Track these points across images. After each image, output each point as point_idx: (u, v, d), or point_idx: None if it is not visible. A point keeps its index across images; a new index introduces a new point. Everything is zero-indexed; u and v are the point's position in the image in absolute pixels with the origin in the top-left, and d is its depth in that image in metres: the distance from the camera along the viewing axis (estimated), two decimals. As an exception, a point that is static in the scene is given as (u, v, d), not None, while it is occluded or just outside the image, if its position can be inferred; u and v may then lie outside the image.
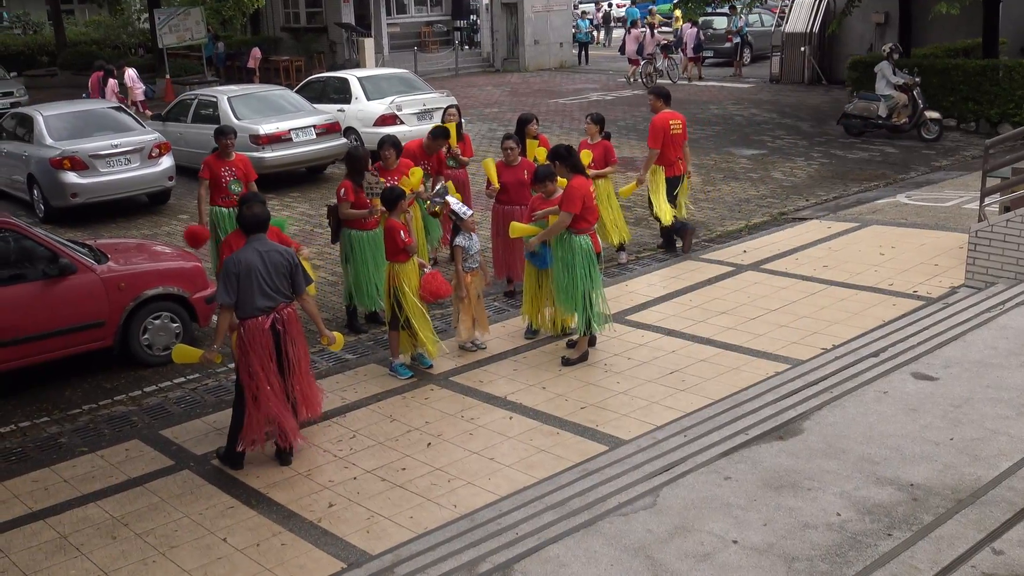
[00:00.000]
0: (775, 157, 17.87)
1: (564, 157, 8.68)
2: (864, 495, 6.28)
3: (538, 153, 10.65)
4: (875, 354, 8.50)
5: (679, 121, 11.58)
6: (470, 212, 9.15)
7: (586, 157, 10.83)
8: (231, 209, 10.22)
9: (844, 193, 14.88)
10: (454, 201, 9.21)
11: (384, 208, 8.75)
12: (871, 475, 6.53)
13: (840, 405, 7.58)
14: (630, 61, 30.62)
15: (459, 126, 11.61)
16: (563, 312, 8.97)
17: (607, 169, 11.12)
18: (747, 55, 32.04)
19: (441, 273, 8.66)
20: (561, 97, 26.86)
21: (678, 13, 36.29)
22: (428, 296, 8.49)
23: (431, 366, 8.83)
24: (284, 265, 7.01)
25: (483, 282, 9.38)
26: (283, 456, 7.25)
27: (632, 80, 30.12)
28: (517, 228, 8.95)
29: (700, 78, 30.34)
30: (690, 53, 30.37)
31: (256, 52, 31.80)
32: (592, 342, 8.98)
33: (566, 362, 8.71)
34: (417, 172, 10.13)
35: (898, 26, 21.64)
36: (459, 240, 9.09)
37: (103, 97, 22.16)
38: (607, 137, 11.36)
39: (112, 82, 23.23)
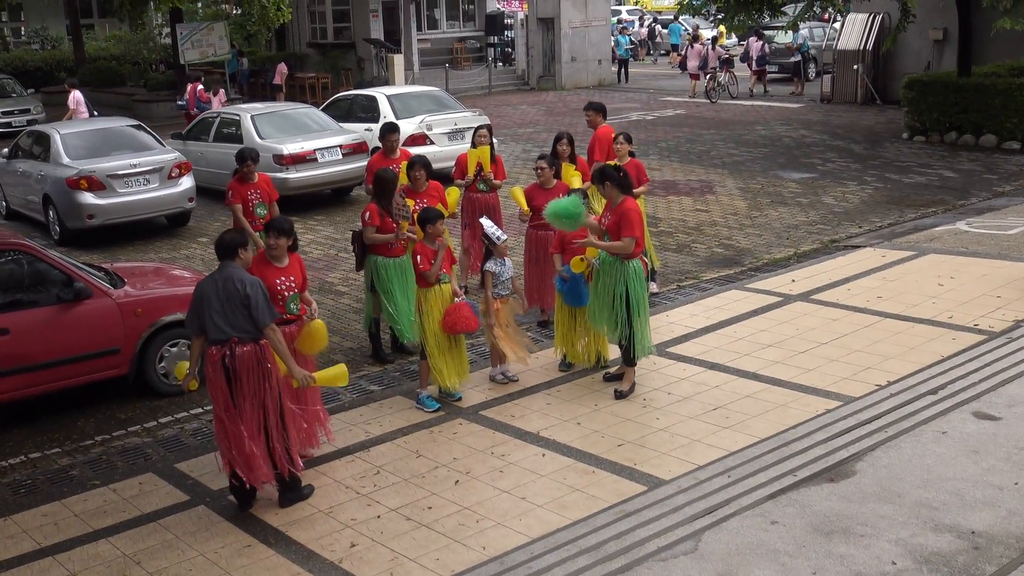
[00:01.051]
0: (826, 181, 17.79)
1: (614, 177, 8.65)
2: (921, 543, 6.19)
3: (573, 176, 10.65)
4: (933, 391, 8.40)
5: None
6: (504, 237, 9.16)
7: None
8: (259, 234, 10.34)
9: (900, 220, 14.77)
10: (488, 224, 9.24)
11: (410, 232, 8.79)
12: (929, 521, 6.44)
13: (896, 446, 7.49)
14: (691, 76, 31.49)
15: (492, 147, 11.65)
16: (609, 339, 8.98)
17: (640, 189, 11.05)
18: (811, 71, 32.19)
19: (470, 306, 8.65)
20: (599, 117, 26.89)
21: (722, 28, 36.45)
22: (447, 328, 8.49)
23: (459, 399, 8.82)
24: (237, 296, 6.82)
25: (517, 309, 9.37)
26: (241, 494, 7.16)
27: (693, 95, 30.83)
28: (577, 264, 8.89)
29: (765, 92, 30.78)
30: (754, 67, 30.84)
31: (282, 68, 32.16)
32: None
33: (620, 395, 8.68)
34: (454, 192, 10.15)
35: (957, 43, 21.52)
36: (489, 265, 9.12)
37: (199, 109, 22.67)
38: (632, 155, 11.26)
39: (221, 93, 24.24)
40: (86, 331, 9.05)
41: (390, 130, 11.36)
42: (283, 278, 7.62)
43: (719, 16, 26.25)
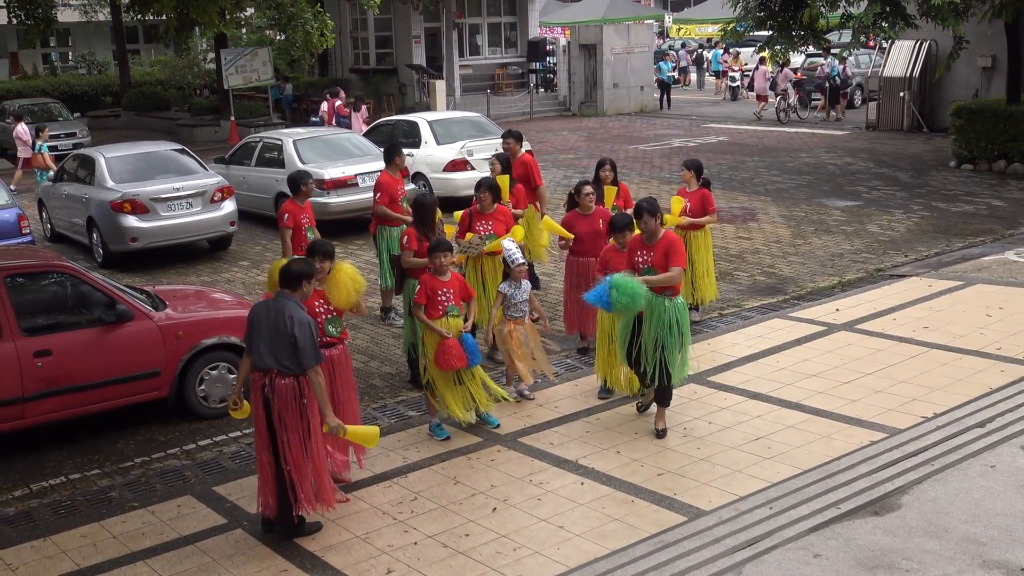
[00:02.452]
0: (871, 209, 17.66)
1: (652, 212, 8.43)
2: (969, 579, 6.09)
3: (614, 200, 10.70)
4: (981, 424, 8.28)
5: None
6: (520, 260, 9.25)
7: (677, 204, 10.87)
8: None
9: (947, 249, 14.62)
10: (510, 245, 9.34)
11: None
12: (976, 557, 6.33)
13: (942, 479, 7.38)
14: (759, 97, 32.12)
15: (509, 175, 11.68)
16: (646, 381, 8.68)
17: (705, 219, 11.01)
18: (857, 99, 32.29)
19: (460, 344, 8.46)
20: (641, 143, 26.95)
21: (766, 54, 36.39)
22: (438, 365, 8.47)
23: (498, 425, 8.82)
24: (285, 333, 6.85)
25: (537, 329, 9.40)
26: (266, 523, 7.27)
27: (760, 116, 31.40)
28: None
29: (842, 116, 30.93)
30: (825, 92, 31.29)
31: (340, 94, 32.31)
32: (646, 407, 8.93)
33: (661, 434, 8.49)
34: (519, 232, 10.17)
35: (1007, 70, 21.33)
36: (503, 287, 9.28)
37: (338, 125, 24.01)
38: (706, 185, 11.20)
39: (363, 109, 24.95)
40: (127, 353, 9.14)
41: (304, 178, 11.18)
42: (321, 301, 7.67)
43: (760, 44, 26.31)
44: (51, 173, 17.92)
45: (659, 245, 8.42)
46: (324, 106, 25.89)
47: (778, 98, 30.83)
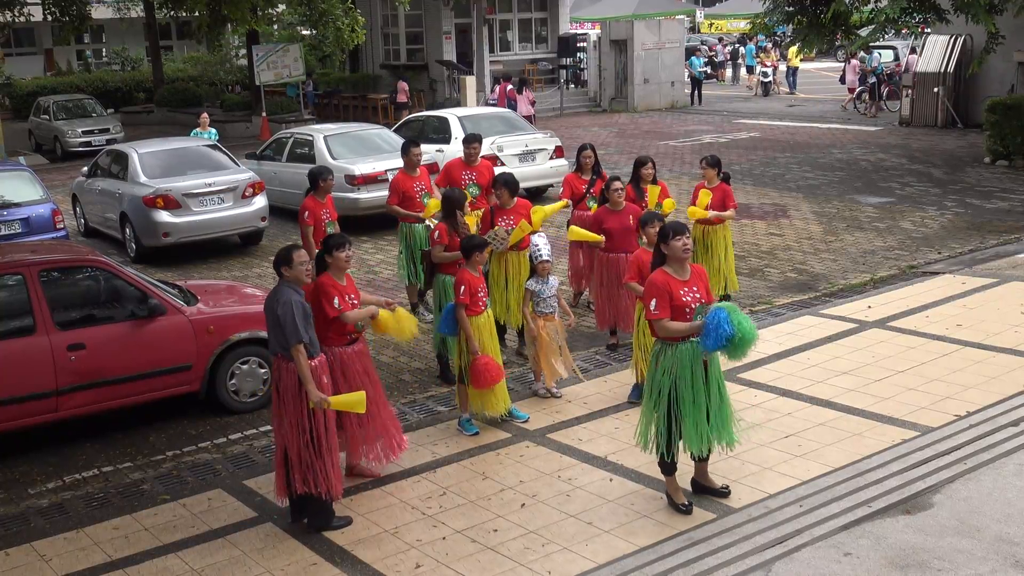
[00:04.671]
0: (904, 205, 17.51)
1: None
2: (1002, 579, 6.04)
3: (655, 199, 10.69)
4: (1015, 423, 8.20)
5: None
6: (546, 257, 9.23)
7: (705, 197, 10.96)
8: None
9: (981, 246, 14.47)
10: (538, 240, 9.34)
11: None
12: (1010, 557, 6.27)
13: (975, 478, 7.32)
14: (850, 90, 32.19)
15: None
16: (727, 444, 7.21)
17: (726, 214, 11.10)
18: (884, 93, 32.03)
19: (489, 359, 8.47)
20: (672, 139, 26.86)
21: (794, 50, 36.18)
22: (478, 385, 8.45)
23: (527, 419, 8.82)
24: (273, 314, 7.02)
25: (563, 326, 9.37)
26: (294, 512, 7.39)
27: (846, 108, 31.70)
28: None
29: (877, 113, 30.85)
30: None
31: (403, 85, 32.45)
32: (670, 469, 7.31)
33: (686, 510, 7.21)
34: (539, 212, 10.15)
35: (1043, 65, 21.11)
36: (529, 283, 9.30)
37: (511, 108, 25.58)
38: (726, 179, 11.34)
39: (527, 92, 27.88)
40: (159, 347, 9.22)
41: (323, 174, 11.33)
42: (351, 295, 7.71)
43: (789, 38, 26.21)
44: (84, 169, 18.07)
45: (699, 277, 7.14)
46: (497, 89, 28.75)
47: (860, 90, 31.01)
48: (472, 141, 12.00)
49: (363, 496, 7.66)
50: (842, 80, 34.55)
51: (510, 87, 27.79)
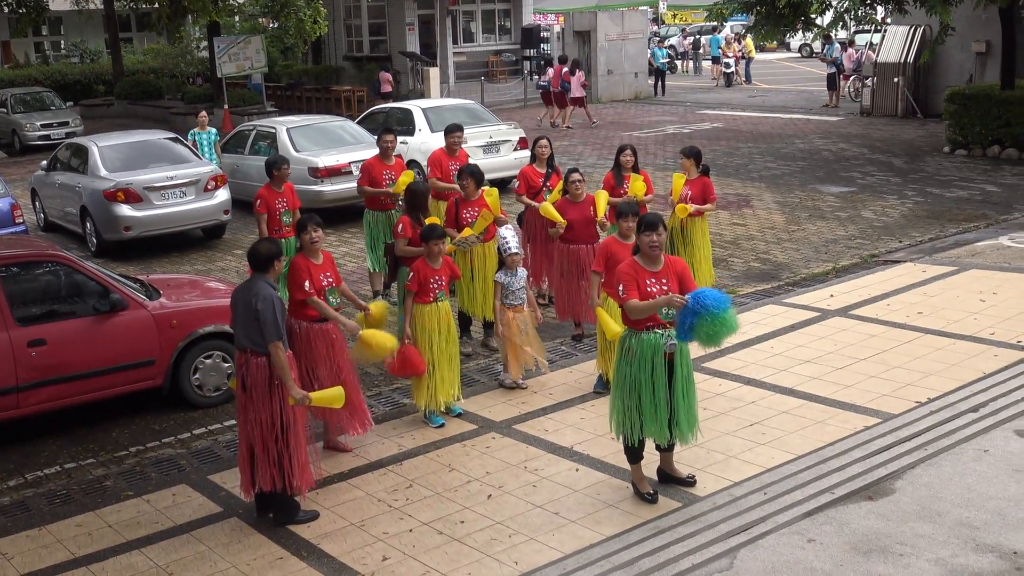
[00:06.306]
0: (865, 195, 17.67)
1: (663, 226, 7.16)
2: (962, 563, 6.12)
3: (640, 187, 10.63)
4: (974, 409, 8.31)
5: None
6: (513, 249, 9.24)
7: (679, 180, 11.03)
8: (284, 241, 10.59)
9: (941, 234, 14.64)
10: (505, 233, 9.35)
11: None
12: (970, 541, 6.36)
13: (936, 464, 7.41)
14: (845, 78, 31.98)
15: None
16: (684, 440, 7.25)
17: (706, 207, 11.03)
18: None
19: (414, 350, 8.47)
20: (636, 130, 26.91)
21: (748, 41, 36.31)
22: (395, 370, 8.57)
23: (460, 414, 8.84)
24: (251, 309, 6.93)
25: (532, 319, 9.38)
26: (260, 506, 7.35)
27: (844, 96, 31.57)
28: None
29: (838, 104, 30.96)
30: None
31: (387, 76, 32.23)
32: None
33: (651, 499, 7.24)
34: (493, 192, 10.16)
35: (1001, 56, 21.32)
36: (498, 276, 9.32)
37: (564, 89, 27.80)
38: (705, 172, 11.17)
39: (579, 74, 28.27)
40: (122, 342, 9.14)
41: (277, 164, 11.31)
42: (325, 274, 7.85)
43: (746, 28, 26.31)
44: (43, 163, 17.87)
45: (672, 271, 7.08)
46: (550, 71, 29.21)
47: (852, 78, 30.89)
48: (454, 131, 12.01)
49: (329, 490, 7.65)
50: (840, 68, 34.08)
51: (565, 69, 28.31)
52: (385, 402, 9.37)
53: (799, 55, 51.02)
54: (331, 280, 7.93)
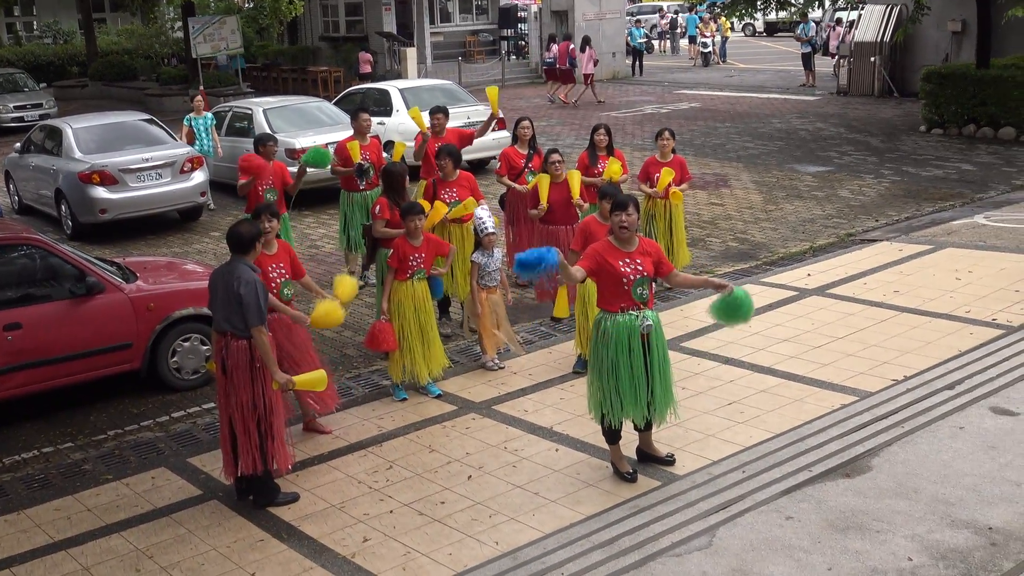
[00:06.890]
0: (842, 174, 17.73)
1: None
2: (938, 539, 6.18)
3: (614, 171, 10.58)
4: (950, 386, 8.37)
5: None
6: (490, 228, 9.24)
7: (668, 175, 10.85)
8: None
9: (917, 213, 14.71)
10: (481, 213, 9.34)
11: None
12: (946, 517, 6.42)
13: (912, 441, 7.47)
14: (831, 56, 32.03)
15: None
16: (659, 419, 7.25)
17: (684, 187, 11.09)
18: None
19: (390, 329, 8.57)
20: (614, 110, 26.89)
21: (724, 21, 36.27)
22: (369, 344, 8.71)
23: (440, 395, 8.85)
24: (232, 292, 6.87)
25: (505, 299, 9.43)
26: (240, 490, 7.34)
27: (836, 75, 31.03)
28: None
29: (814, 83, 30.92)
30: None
31: (366, 56, 32.02)
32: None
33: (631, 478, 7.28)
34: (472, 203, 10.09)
35: (976, 35, 21.40)
36: (475, 256, 9.33)
37: (572, 65, 28.41)
38: (674, 152, 11.26)
39: (589, 51, 28.59)
40: (98, 326, 9.09)
41: (264, 140, 11.44)
42: (275, 265, 7.77)
43: (719, 8, 26.24)
44: (17, 145, 17.69)
45: (646, 252, 7.04)
46: (555, 48, 29.61)
47: (837, 58, 30.35)
48: (436, 112, 11.91)
49: (309, 471, 7.64)
50: (825, 51, 33.69)
51: (572, 46, 28.76)
52: (364, 383, 9.37)
53: (764, 34, 50.75)
54: (283, 271, 7.83)
